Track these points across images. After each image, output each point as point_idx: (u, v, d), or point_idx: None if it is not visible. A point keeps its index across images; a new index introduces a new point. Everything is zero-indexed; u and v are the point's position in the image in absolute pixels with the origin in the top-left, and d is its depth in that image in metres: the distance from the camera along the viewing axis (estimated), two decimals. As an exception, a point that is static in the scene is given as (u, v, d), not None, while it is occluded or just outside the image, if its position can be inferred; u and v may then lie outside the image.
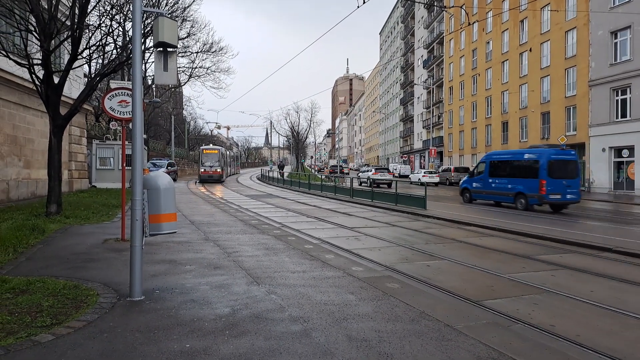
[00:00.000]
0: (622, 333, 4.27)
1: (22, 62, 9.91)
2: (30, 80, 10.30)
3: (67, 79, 10.96)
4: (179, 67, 29.76)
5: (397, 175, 46.15)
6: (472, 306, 4.84)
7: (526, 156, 16.51)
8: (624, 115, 25.34)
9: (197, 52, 26.90)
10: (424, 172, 37.64)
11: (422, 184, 34.16)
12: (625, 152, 25.21)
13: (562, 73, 30.51)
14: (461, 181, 20.62)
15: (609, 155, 26.18)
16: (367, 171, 36.63)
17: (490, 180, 17.49)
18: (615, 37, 25.72)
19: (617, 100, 25.83)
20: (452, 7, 21.38)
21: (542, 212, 15.56)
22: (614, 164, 26.11)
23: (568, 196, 15.22)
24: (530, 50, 34.10)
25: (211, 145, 41.97)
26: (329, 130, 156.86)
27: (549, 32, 31.94)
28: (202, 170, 33.03)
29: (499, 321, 4.27)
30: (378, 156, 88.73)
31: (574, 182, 15.37)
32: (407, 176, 44.24)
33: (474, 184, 18.51)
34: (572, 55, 29.56)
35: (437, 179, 35.04)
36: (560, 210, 15.86)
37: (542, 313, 4.73)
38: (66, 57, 12.24)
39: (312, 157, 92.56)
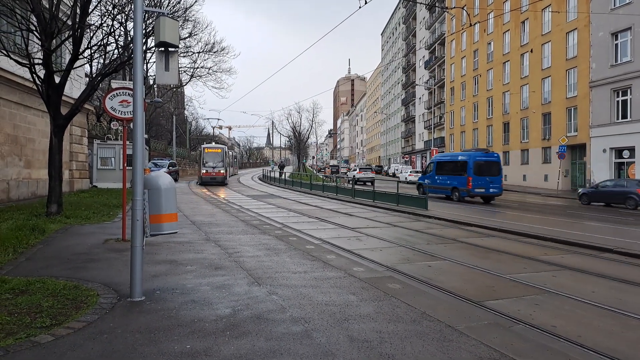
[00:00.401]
0: (623, 333, 4.26)
1: (23, 61, 9.91)
2: (31, 80, 10.30)
3: (68, 78, 10.98)
4: (181, 67, 29.79)
5: (398, 175, 47.90)
6: (473, 307, 4.83)
7: (459, 158, 20.55)
8: (624, 116, 25.30)
9: (198, 52, 26.95)
10: (410, 172, 41.38)
11: (408, 182, 37.86)
12: (625, 153, 25.17)
13: (563, 74, 30.48)
14: (418, 178, 24.73)
15: (609, 156, 26.14)
16: (354, 170, 41.54)
17: (436, 177, 21.48)
18: (616, 39, 25.68)
19: (617, 101, 25.79)
20: (454, 8, 21.33)
21: (476, 203, 19.18)
22: (615, 165, 26.06)
23: (491, 190, 19.19)
24: (532, 51, 34.07)
25: (213, 143, 37.72)
26: (331, 130, 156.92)
27: (550, 33, 31.91)
28: (204, 171, 29.71)
29: (500, 322, 4.26)
30: (380, 156, 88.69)
31: (496, 179, 19.29)
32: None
33: (426, 180, 21.98)
34: (573, 56, 29.53)
35: None
36: (490, 202, 19.50)
37: (544, 314, 4.71)
38: (67, 57, 12.26)
39: (313, 157, 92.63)
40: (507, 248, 8.50)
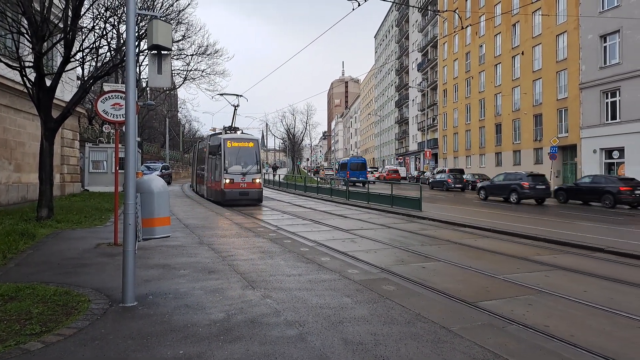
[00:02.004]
0: (615, 333, 4.30)
1: (14, 64, 9.80)
2: (22, 82, 10.19)
3: (60, 81, 10.86)
4: (174, 70, 29.58)
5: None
6: (467, 307, 4.85)
7: (346, 160, 39.00)
8: (614, 117, 25.64)
9: (192, 55, 26.77)
10: (325, 168, 59.31)
11: (326, 176, 50.12)
12: (615, 154, 25.49)
13: (553, 76, 30.84)
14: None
15: (600, 156, 26.45)
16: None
17: (341, 172, 38.29)
18: (605, 41, 26.05)
19: (607, 103, 26.13)
20: (446, 11, 21.49)
21: (357, 187, 27.92)
22: (605, 165, 26.38)
23: (360, 178, 33.12)
24: (523, 53, 34.43)
25: (240, 132, 18.99)
26: (325, 132, 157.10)
27: (541, 36, 32.29)
28: (227, 180, 16.67)
29: (494, 322, 4.28)
30: (374, 158, 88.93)
31: (362, 172, 36.79)
32: None
33: (337, 175, 38.83)
34: (563, 58, 29.89)
35: None
36: (363, 185, 28.60)
37: (537, 314, 4.74)
38: (59, 60, 12.14)
39: (307, 159, 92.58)
40: (501, 249, 8.55)
